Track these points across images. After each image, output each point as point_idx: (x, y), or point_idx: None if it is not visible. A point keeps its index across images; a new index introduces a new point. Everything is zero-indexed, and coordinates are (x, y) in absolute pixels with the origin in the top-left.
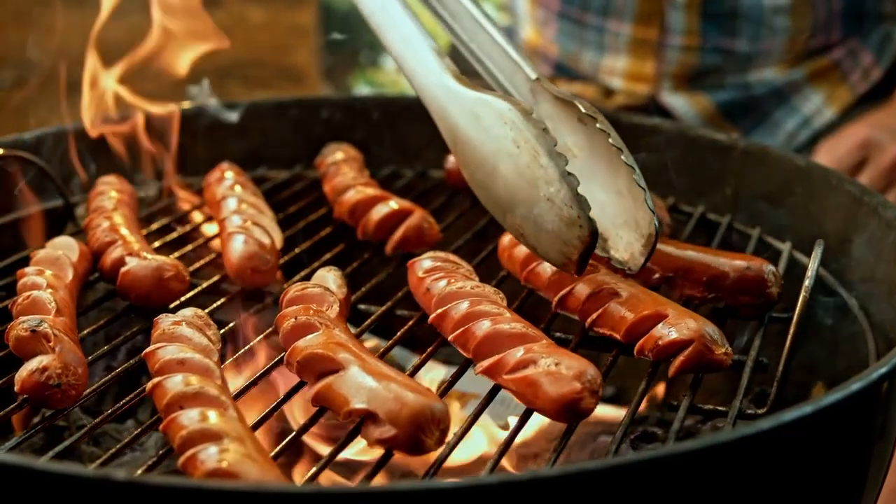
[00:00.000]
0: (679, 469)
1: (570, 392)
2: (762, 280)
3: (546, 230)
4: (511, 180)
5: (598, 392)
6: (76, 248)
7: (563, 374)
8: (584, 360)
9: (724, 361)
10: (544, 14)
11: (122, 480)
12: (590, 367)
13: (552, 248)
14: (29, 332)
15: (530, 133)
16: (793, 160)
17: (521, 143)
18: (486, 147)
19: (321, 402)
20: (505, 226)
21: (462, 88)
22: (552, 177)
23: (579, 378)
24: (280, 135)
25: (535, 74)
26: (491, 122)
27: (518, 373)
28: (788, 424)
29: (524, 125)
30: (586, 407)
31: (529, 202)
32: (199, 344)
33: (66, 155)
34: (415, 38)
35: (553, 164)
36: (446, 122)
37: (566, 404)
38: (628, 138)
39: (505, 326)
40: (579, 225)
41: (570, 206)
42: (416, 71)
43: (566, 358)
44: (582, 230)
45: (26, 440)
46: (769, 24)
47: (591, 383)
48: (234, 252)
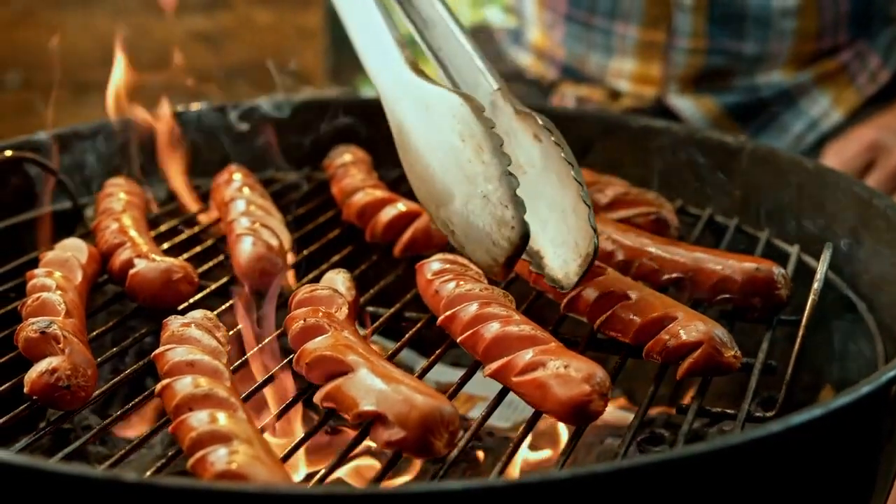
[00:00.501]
0: (689, 472)
1: (579, 394)
2: (771, 282)
3: (477, 228)
4: (451, 174)
5: (607, 394)
6: (85, 249)
7: (573, 376)
8: (593, 362)
9: (733, 364)
10: (552, 17)
11: (133, 482)
12: (598, 370)
13: (480, 247)
14: (38, 333)
15: (478, 128)
16: (801, 163)
17: (466, 138)
18: (431, 138)
19: (330, 404)
20: (436, 220)
21: (417, 79)
22: (492, 174)
23: (588, 380)
24: (288, 136)
25: (497, 85)
26: (440, 114)
27: (527, 375)
28: (798, 427)
29: (473, 120)
30: (595, 409)
31: (465, 197)
32: (209, 346)
33: (74, 156)
34: (376, 25)
35: (496, 162)
36: (395, 111)
37: (575, 407)
38: (637, 141)
39: (514, 329)
40: (511, 226)
41: (505, 205)
42: (371, 57)
43: (575, 360)
44: (513, 231)
45: (36, 441)
46: (776, 27)
47: (600, 386)
48: (242, 254)
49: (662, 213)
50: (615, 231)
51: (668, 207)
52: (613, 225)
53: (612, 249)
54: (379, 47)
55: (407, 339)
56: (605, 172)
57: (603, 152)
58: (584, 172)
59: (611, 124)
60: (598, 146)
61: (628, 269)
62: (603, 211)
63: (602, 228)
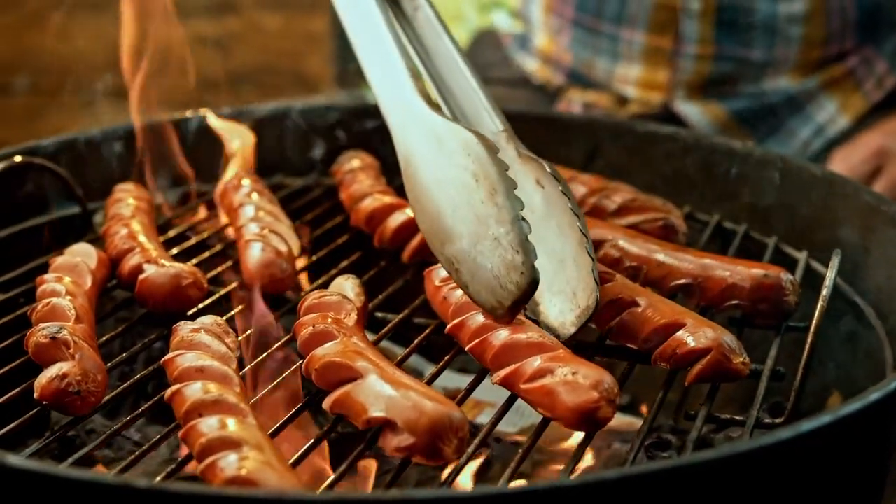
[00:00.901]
0: (700, 479)
1: (587, 401)
2: (780, 288)
3: (484, 269)
4: (460, 212)
5: (615, 401)
6: (94, 254)
7: (581, 383)
8: (601, 368)
9: (741, 371)
10: (558, 22)
11: (144, 487)
12: (606, 376)
13: (485, 288)
14: (49, 338)
15: (492, 169)
16: (809, 169)
17: (480, 178)
18: (442, 174)
19: (339, 410)
20: (439, 256)
21: (430, 112)
22: (505, 217)
23: (596, 387)
24: (295, 142)
25: (502, 126)
26: (453, 150)
27: (535, 382)
28: (807, 434)
29: (488, 161)
30: (604, 416)
31: (474, 237)
32: (218, 351)
33: (83, 161)
34: (388, 53)
35: (509, 205)
36: (405, 142)
37: (584, 413)
38: (644, 146)
39: (522, 336)
40: (521, 272)
41: (516, 250)
42: (382, 86)
43: (583, 367)
44: (522, 277)
45: (45, 446)
46: (783, 33)
47: (608, 392)
48: (251, 259)
49: (671, 218)
50: (623, 237)
51: (677, 213)
52: (622, 231)
53: (619, 256)
54: (391, 76)
55: (416, 345)
56: (612, 178)
57: (610, 158)
58: (591, 178)
59: (618, 130)
60: (606, 152)
61: (636, 276)
62: (611, 217)
63: (610, 234)
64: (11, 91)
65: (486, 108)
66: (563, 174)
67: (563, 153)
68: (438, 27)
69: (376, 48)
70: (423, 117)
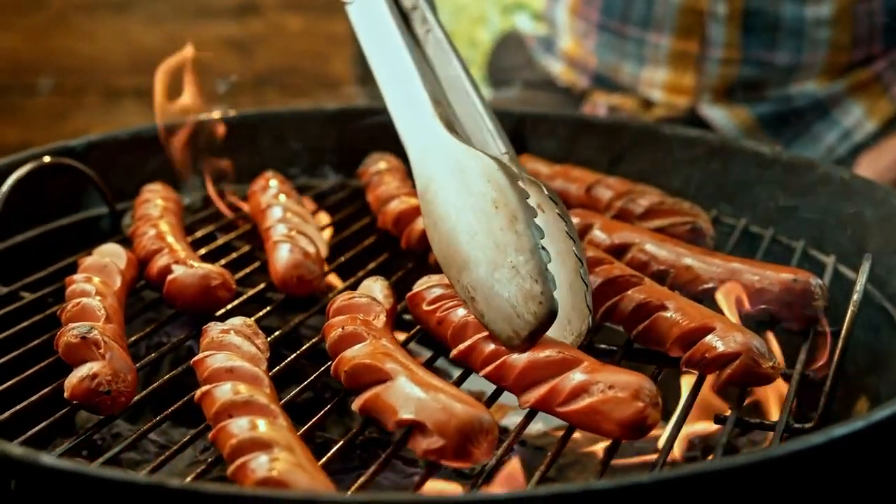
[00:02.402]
0: (733, 483)
1: (634, 414)
2: (809, 293)
3: (501, 298)
4: (479, 239)
5: (658, 403)
6: (123, 255)
7: (621, 396)
8: (634, 374)
9: (771, 375)
10: (584, 25)
11: (178, 488)
12: (644, 382)
13: (502, 318)
14: (79, 338)
15: (513, 198)
16: (837, 173)
17: (500, 206)
18: (462, 200)
19: (369, 412)
20: (454, 284)
21: (450, 137)
22: (525, 246)
23: (638, 396)
24: (321, 144)
25: (505, 149)
26: (474, 178)
27: (574, 404)
28: (840, 439)
29: (508, 188)
30: (652, 422)
31: (492, 265)
32: (248, 352)
33: (111, 162)
34: (408, 77)
35: (529, 234)
36: (425, 168)
37: (633, 425)
38: (671, 149)
39: (541, 354)
40: (539, 301)
41: (535, 279)
42: (401, 111)
43: (616, 376)
44: (541, 307)
45: (73, 447)
46: (810, 37)
47: (650, 398)
48: (279, 261)
49: (698, 222)
50: (651, 241)
51: (704, 217)
52: (649, 235)
53: (647, 259)
54: (410, 101)
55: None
56: (638, 181)
57: (636, 161)
58: (617, 181)
59: (644, 133)
60: (632, 155)
61: (664, 280)
62: (638, 220)
63: (638, 238)
64: (35, 92)
65: (491, 130)
66: (589, 177)
67: (589, 156)
68: (448, 49)
69: (396, 72)
70: (444, 143)
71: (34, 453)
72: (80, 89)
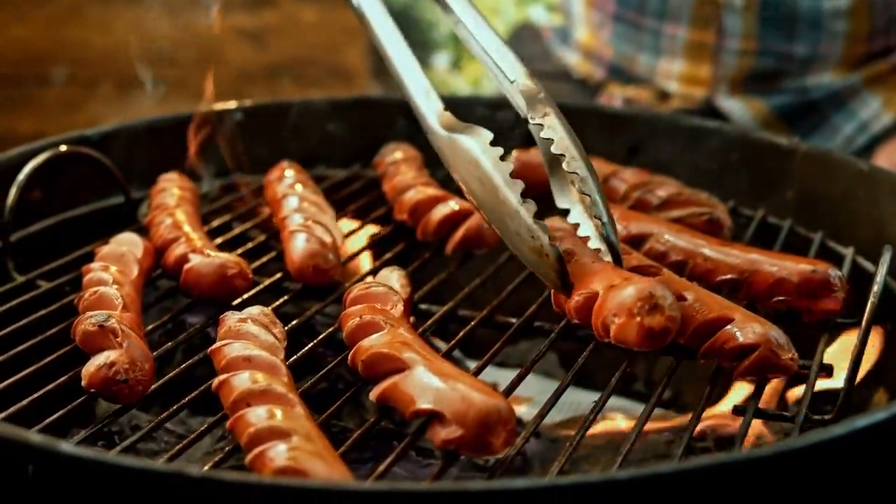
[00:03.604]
0: (754, 473)
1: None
2: (828, 284)
3: (529, 262)
4: (494, 217)
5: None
6: (140, 244)
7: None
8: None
9: (790, 367)
10: (600, 16)
11: (198, 476)
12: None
13: (539, 273)
14: (97, 327)
15: (487, 165)
16: (856, 164)
17: (484, 180)
18: (470, 186)
19: (386, 402)
20: None
21: (441, 130)
22: (512, 210)
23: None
24: (338, 134)
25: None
26: (463, 162)
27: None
28: (861, 431)
29: (482, 158)
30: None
31: (509, 238)
32: (266, 341)
33: (128, 151)
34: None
35: (509, 195)
36: (445, 163)
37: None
38: (688, 141)
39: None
40: (545, 254)
41: (532, 236)
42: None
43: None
44: (549, 259)
45: (91, 436)
46: (827, 28)
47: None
48: (296, 250)
49: (716, 213)
50: (668, 231)
51: (722, 208)
52: (667, 225)
53: (665, 250)
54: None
55: (462, 335)
56: (655, 173)
57: (653, 152)
58: (635, 172)
59: (661, 124)
60: (649, 146)
61: (682, 270)
62: (655, 211)
63: (656, 228)
64: (49, 82)
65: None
66: (606, 168)
67: (606, 147)
68: None
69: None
70: (438, 137)
71: (53, 441)
72: (94, 80)
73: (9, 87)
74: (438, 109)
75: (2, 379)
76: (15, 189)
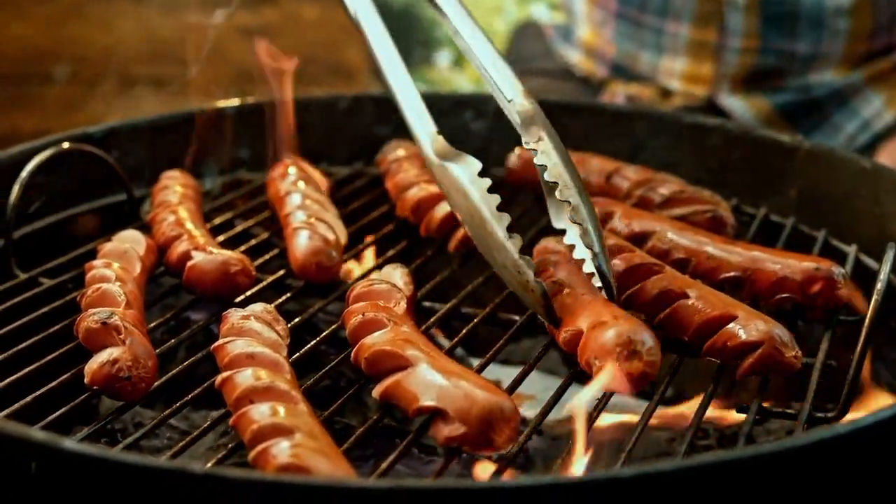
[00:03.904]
0: (759, 470)
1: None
2: (831, 282)
3: (517, 293)
4: (483, 248)
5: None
6: (143, 241)
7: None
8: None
9: (793, 364)
10: (602, 14)
11: (200, 473)
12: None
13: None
14: (99, 324)
15: (475, 196)
16: (859, 162)
17: (473, 211)
18: (461, 215)
19: (389, 399)
20: None
21: (432, 155)
22: (499, 243)
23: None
24: (340, 131)
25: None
26: (453, 191)
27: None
28: (866, 428)
29: (471, 189)
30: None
31: (497, 269)
32: (269, 338)
33: (130, 149)
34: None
35: (496, 228)
36: (440, 186)
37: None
38: (690, 138)
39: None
40: (531, 289)
41: (518, 271)
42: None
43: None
44: (534, 294)
45: (94, 433)
46: (830, 26)
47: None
48: (298, 248)
49: (719, 211)
50: (671, 229)
51: (724, 206)
52: (669, 223)
53: (668, 248)
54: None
55: (465, 333)
56: (658, 170)
57: (656, 150)
58: (638, 170)
59: (664, 121)
60: (652, 143)
61: (685, 268)
62: (657, 209)
63: (658, 226)
64: (51, 80)
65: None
66: (609, 165)
67: (609, 145)
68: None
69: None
70: (432, 165)
71: (56, 438)
72: (96, 78)
73: (10, 85)
74: (432, 133)
75: (5, 376)
76: (18, 186)
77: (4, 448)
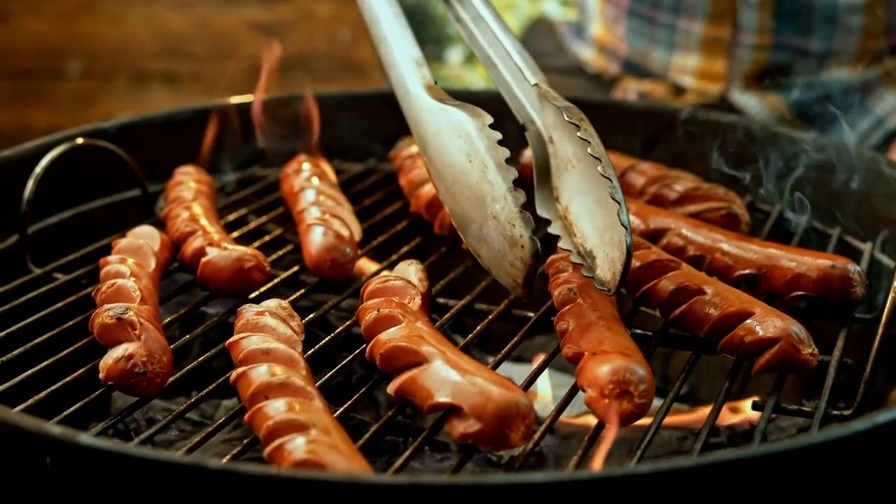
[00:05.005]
0: (774, 468)
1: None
2: (847, 279)
3: (494, 250)
4: (465, 197)
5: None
6: (157, 237)
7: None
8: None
9: (809, 362)
10: (614, 11)
11: (216, 469)
12: (634, 371)
13: (501, 268)
14: (114, 319)
15: (482, 145)
16: (874, 159)
17: (472, 157)
18: (446, 160)
19: (404, 395)
20: (468, 245)
21: (428, 98)
22: (498, 193)
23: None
24: (354, 128)
25: (534, 80)
26: (450, 135)
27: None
28: (882, 426)
29: (477, 137)
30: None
31: (480, 220)
32: (284, 334)
33: (144, 144)
34: (398, 46)
35: (500, 178)
36: (418, 132)
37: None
38: (705, 135)
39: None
40: (521, 245)
41: (512, 224)
42: (394, 79)
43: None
44: (524, 251)
45: (110, 427)
46: (843, 23)
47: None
48: (313, 244)
49: (733, 208)
50: (687, 226)
51: (739, 203)
52: (685, 220)
53: (683, 244)
54: (399, 69)
55: (480, 329)
56: (672, 167)
57: (670, 146)
58: (652, 167)
59: (678, 118)
60: (666, 140)
61: (700, 265)
62: (672, 206)
63: (673, 223)
64: (63, 76)
65: (519, 64)
66: (623, 162)
67: (623, 141)
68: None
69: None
70: (423, 105)
71: (72, 432)
72: (109, 73)
73: (23, 80)
74: (427, 79)
75: (20, 371)
76: (32, 182)
77: (20, 442)
